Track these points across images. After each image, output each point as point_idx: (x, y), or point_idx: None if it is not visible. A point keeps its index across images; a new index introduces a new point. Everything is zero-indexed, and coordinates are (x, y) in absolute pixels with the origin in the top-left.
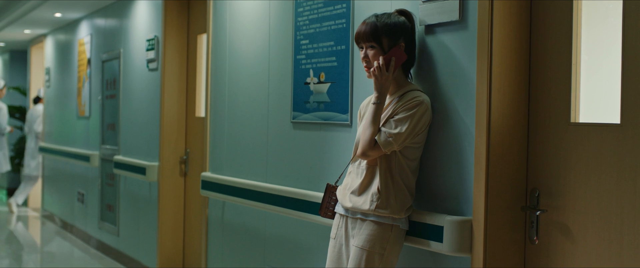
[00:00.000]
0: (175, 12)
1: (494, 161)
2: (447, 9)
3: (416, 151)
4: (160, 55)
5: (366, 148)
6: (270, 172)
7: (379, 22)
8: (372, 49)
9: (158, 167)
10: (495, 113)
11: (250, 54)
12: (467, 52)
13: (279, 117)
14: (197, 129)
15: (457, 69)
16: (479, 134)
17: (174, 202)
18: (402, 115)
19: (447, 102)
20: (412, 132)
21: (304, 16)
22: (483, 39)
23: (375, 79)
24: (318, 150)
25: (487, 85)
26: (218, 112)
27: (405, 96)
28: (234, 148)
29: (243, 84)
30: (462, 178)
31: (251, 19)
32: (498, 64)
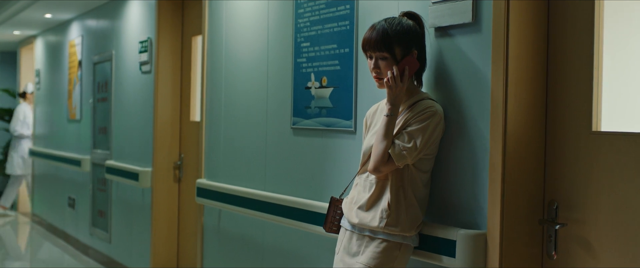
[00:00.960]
0: (169, 13)
1: (510, 171)
2: (459, 11)
3: (429, 163)
4: (153, 58)
5: (379, 164)
6: (269, 180)
7: (391, 29)
8: (383, 60)
9: (151, 172)
10: (512, 120)
11: (247, 56)
12: (481, 56)
13: (278, 122)
14: (191, 134)
15: (470, 74)
16: (494, 142)
17: (168, 209)
18: (416, 127)
19: (460, 110)
20: (427, 144)
21: (305, 18)
22: (498, 42)
23: (389, 90)
24: (320, 158)
25: (503, 91)
26: (214, 116)
27: (417, 105)
28: (231, 154)
29: (240, 87)
30: (476, 190)
31: (249, 20)
32: (514, 69)
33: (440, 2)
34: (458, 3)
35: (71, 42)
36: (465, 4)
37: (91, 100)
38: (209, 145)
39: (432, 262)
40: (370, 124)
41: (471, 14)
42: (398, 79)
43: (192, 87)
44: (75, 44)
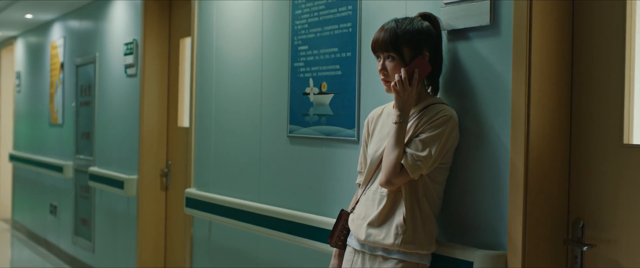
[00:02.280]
0: (155, 13)
1: (533, 187)
2: (475, 12)
3: (444, 172)
4: (139, 60)
5: (390, 175)
6: (264, 191)
7: (400, 28)
8: (391, 61)
9: (137, 180)
10: (535, 131)
11: (240, 60)
12: (501, 61)
13: (274, 130)
14: (179, 140)
15: (488, 80)
16: (516, 154)
17: (155, 218)
18: (430, 134)
19: (478, 119)
20: (441, 153)
21: (303, 19)
22: (520, 47)
23: (397, 95)
24: (319, 169)
25: (526, 100)
26: (204, 123)
27: (429, 110)
28: (222, 163)
29: (232, 93)
30: (496, 207)
31: (241, 21)
32: (538, 75)
33: (453, 3)
34: (474, 4)
35: (53, 43)
36: (482, 4)
37: (74, 103)
38: (199, 153)
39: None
40: (373, 129)
41: (489, 16)
42: (406, 82)
43: (180, 91)
44: (57, 46)
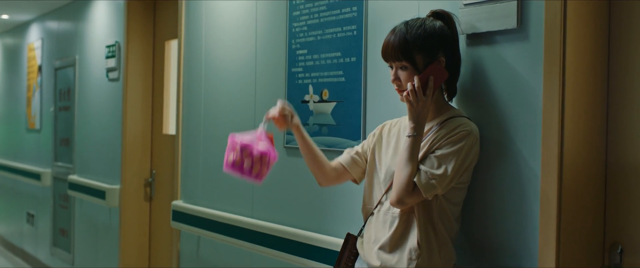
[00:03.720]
0: (139, 14)
1: (567, 208)
2: (499, 14)
3: (461, 193)
4: (122, 64)
5: (402, 194)
6: (258, 206)
7: (410, 33)
8: (404, 70)
9: (119, 190)
10: (569, 147)
11: (231, 64)
12: (529, 69)
13: None
14: (164, 148)
15: (514, 91)
16: (547, 174)
17: (138, 231)
18: (447, 151)
19: (502, 134)
20: (459, 171)
21: (301, 21)
22: (552, 53)
23: (410, 106)
24: None
25: (559, 112)
26: (191, 131)
27: (448, 124)
28: (212, 174)
29: (223, 100)
30: (524, 230)
31: (233, 23)
32: (572, 86)
33: (475, 4)
34: (499, 5)
35: (30, 45)
36: (509, 5)
37: (52, 108)
38: (186, 163)
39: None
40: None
41: (516, 19)
42: (420, 92)
43: (165, 97)
44: (34, 48)
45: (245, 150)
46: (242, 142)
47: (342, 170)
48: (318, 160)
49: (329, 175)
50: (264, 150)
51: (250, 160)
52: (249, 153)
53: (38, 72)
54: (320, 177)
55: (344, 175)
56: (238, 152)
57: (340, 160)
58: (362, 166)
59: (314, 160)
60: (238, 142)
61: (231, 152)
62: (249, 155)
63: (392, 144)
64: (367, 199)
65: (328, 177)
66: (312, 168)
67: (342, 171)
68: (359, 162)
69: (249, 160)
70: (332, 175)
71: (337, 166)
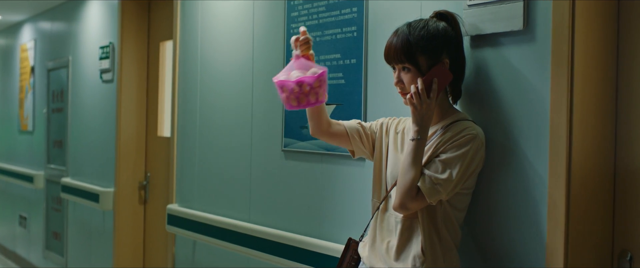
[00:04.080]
0: (133, 14)
1: (575, 215)
2: (505, 15)
3: (466, 198)
4: (116, 65)
5: (406, 199)
6: (255, 210)
7: (413, 35)
8: (407, 72)
9: (113, 193)
10: (577, 152)
11: (228, 66)
12: (536, 72)
13: (266, 143)
14: (159, 150)
15: (520, 95)
16: (555, 178)
17: (132, 234)
18: (452, 155)
19: (508, 139)
20: (464, 176)
21: (300, 22)
22: (560, 55)
23: (414, 109)
24: (318, 187)
25: (567, 116)
26: (187, 133)
27: (453, 127)
28: (208, 178)
29: (219, 101)
30: (530, 236)
31: (230, 24)
32: (581, 89)
33: (479, 5)
34: (504, 6)
35: (23, 46)
36: (514, 6)
37: (45, 110)
38: (182, 166)
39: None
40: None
41: (522, 20)
42: (424, 94)
43: (160, 99)
44: (27, 48)
45: (284, 87)
46: (278, 80)
47: (342, 132)
48: (318, 109)
49: (323, 126)
50: (299, 79)
51: (293, 93)
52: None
53: (31, 73)
54: (314, 126)
55: (342, 138)
56: (280, 90)
57: (345, 123)
58: (364, 144)
59: (314, 108)
60: (275, 82)
61: (281, 93)
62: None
63: (398, 143)
64: (375, 190)
65: (321, 128)
66: (309, 115)
67: (341, 133)
68: (363, 138)
69: (293, 95)
70: (326, 128)
71: (338, 126)
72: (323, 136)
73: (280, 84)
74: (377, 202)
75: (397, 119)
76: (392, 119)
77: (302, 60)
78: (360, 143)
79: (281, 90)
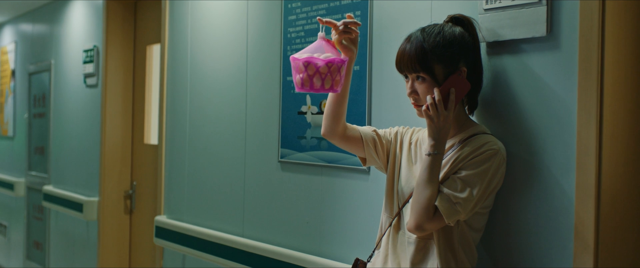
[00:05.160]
0: (119, 17)
1: (605, 238)
2: (526, 20)
3: (483, 218)
4: (100, 69)
5: (422, 219)
6: (249, 224)
7: (428, 41)
8: (421, 82)
9: (98, 203)
10: (607, 169)
11: (220, 72)
12: (561, 82)
13: (261, 153)
14: (146, 158)
15: (542, 106)
16: (583, 198)
17: (118, 245)
18: (472, 172)
19: (531, 152)
20: (484, 195)
21: (298, 26)
22: (588, 64)
23: (430, 122)
24: (318, 201)
25: (596, 130)
26: (176, 141)
27: (472, 142)
28: (198, 188)
29: (210, 109)
30: (555, 260)
31: (222, 27)
32: (611, 100)
33: (497, 9)
34: (525, 10)
35: (3, 48)
36: (536, 11)
37: (26, 115)
38: (170, 176)
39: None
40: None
41: (545, 25)
42: (441, 106)
43: (147, 104)
44: (7, 51)
45: (309, 65)
46: (304, 59)
47: (357, 138)
48: (341, 107)
49: (340, 128)
50: (328, 59)
51: (319, 74)
52: (315, 66)
53: (11, 76)
54: (330, 126)
55: (356, 144)
56: (302, 69)
57: (360, 129)
58: (378, 154)
59: (338, 105)
60: (300, 60)
61: (297, 73)
62: (314, 69)
63: (412, 156)
64: (387, 205)
65: (337, 130)
66: (328, 112)
67: (356, 139)
68: (377, 147)
69: (318, 76)
70: (342, 131)
71: (353, 131)
72: (336, 138)
73: (305, 62)
74: (389, 218)
75: (410, 129)
76: (405, 129)
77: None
78: (374, 152)
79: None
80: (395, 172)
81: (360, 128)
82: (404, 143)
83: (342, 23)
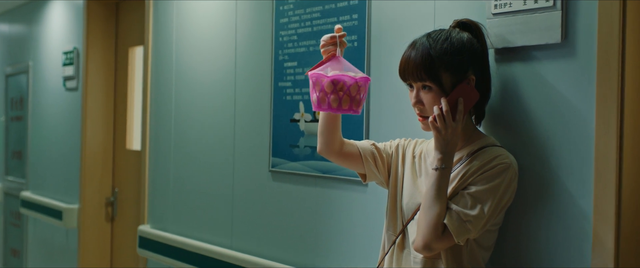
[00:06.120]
0: (100, 18)
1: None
2: (538, 26)
3: (493, 236)
4: (81, 72)
5: (430, 238)
6: (238, 236)
7: (435, 48)
8: (428, 91)
9: (78, 210)
10: (628, 185)
11: (208, 76)
12: (577, 91)
13: (251, 162)
14: (128, 164)
15: (556, 118)
16: (602, 216)
17: (99, 254)
18: (482, 187)
19: (544, 166)
20: (496, 211)
21: (291, 29)
22: (607, 72)
23: (437, 134)
24: (312, 213)
25: (617, 142)
26: (160, 148)
27: (482, 155)
28: (184, 197)
29: (197, 114)
30: None
31: (209, 29)
32: (633, 112)
33: (506, 14)
34: (537, 15)
35: None
36: (550, 16)
37: (3, 118)
38: (154, 184)
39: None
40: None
41: (560, 31)
42: (449, 117)
43: (129, 109)
44: None
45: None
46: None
47: (355, 153)
48: (337, 122)
49: (336, 144)
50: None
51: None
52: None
53: None
54: (326, 142)
55: (354, 160)
56: (331, 87)
57: (358, 144)
58: (379, 169)
59: (334, 119)
60: (329, 78)
61: (313, 91)
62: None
63: (416, 169)
64: (390, 222)
65: (333, 146)
66: (322, 128)
67: (354, 154)
68: (377, 162)
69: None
70: (339, 147)
71: (351, 146)
72: (333, 156)
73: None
74: (392, 236)
75: (413, 141)
76: (407, 141)
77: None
78: (374, 167)
79: (334, 87)
80: (398, 187)
81: (357, 142)
82: (407, 156)
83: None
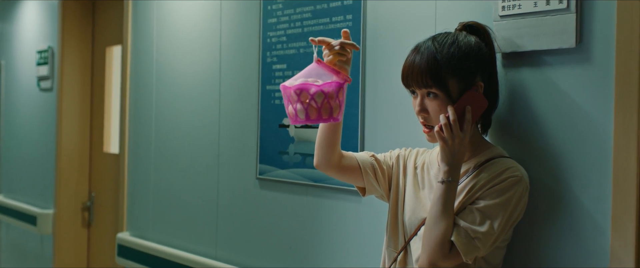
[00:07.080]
0: (76, 16)
1: None
2: (550, 30)
3: (501, 252)
4: (56, 72)
5: (436, 257)
6: (223, 246)
7: (441, 52)
8: (433, 98)
9: (53, 215)
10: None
11: (190, 77)
12: (592, 100)
13: (237, 169)
14: (105, 168)
15: (571, 126)
16: (620, 233)
17: (75, 261)
18: (492, 202)
19: (556, 179)
20: (506, 227)
21: (279, 30)
22: (627, 79)
23: (443, 144)
24: (303, 223)
25: (638, 157)
26: (140, 151)
27: (490, 167)
28: (165, 203)
29: (179, 117)
30: None
31: (192, 29)
32: None
33: (514, 16)
34: (549, 18)
35: None
36: (563, 19)
37: None
38: (134, 190)
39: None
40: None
41: (575, 36)
42: (456, 126)
43: (107, 111)
44: None
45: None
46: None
47: (354, 167)
48: (336, 134)
49: (335, 158)
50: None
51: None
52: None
53: None
54: (324, 156)
55: (353, 173)
56: (295, 98)
57: (357, 156)
58: (379, 182)
59: (333, 131)
60: (291, 88)
61: (289, 103)
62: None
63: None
64: (391, 238)
65: (332, 160)
66: (320, 141)
67: (353, 168)
68: (378, 174)
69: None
70: (337, 161)
71: (350, 159)
72: (331, 170)
73: (297, 89)
74: (393, 252)
75: (413, 151)
76: (408, 151)
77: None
78: (374, 180)
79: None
80: (399, 200)
81: (356, 154)
82: (408, 168)
83: (339, 43)
